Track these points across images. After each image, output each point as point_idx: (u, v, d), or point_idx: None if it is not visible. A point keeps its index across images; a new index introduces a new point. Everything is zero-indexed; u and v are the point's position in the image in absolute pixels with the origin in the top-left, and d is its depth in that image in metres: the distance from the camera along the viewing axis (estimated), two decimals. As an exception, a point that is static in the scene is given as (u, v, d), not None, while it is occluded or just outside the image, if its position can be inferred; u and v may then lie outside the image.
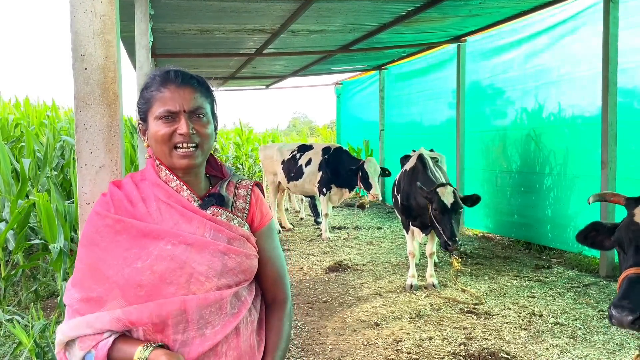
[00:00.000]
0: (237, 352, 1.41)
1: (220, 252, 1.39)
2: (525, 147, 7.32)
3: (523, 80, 7.31)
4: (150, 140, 1.43)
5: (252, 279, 1.49)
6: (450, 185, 4.96)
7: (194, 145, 1.40)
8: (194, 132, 1.39)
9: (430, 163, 5.46)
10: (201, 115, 1.42)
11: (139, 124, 1.48)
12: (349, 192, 8.14)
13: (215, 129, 1.49)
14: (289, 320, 1.57)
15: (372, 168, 7.53)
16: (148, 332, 1.34)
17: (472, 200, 4.93)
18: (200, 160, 1.43)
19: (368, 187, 7.53)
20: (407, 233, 5.70)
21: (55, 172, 7.24)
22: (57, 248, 4.67)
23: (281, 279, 1.57)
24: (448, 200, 4.78)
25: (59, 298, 4.60)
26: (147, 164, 1.48)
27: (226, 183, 1.53)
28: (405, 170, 5.66)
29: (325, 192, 8.12)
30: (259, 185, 1.59)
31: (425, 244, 5.77)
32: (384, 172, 7.82)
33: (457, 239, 4.72)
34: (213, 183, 1.54)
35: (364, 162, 7.66)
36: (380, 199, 7.78)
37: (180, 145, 1.39)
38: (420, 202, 5.09)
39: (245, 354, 1.43)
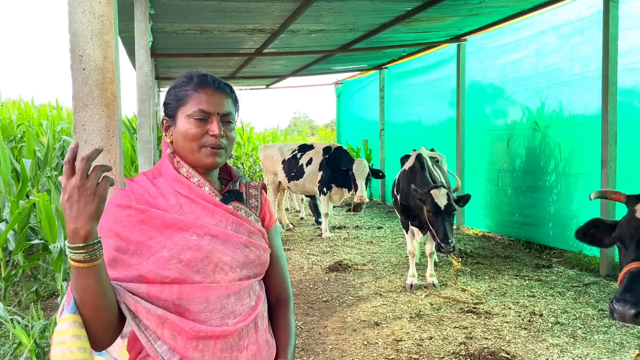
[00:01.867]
0: (256, 347, 1.45)
1: (242, 245, 1.44)
2: (527, 146, 7.31)
3: (526, 80, 7.30)
4: (176, 136, 1.46)
5: (264, 273, 1.55)
6: (444, 187, 4.97)
7: (221, 146, 1.45)
8: (224, 134, 1.45)
9: (429, 163, 5.46)
10: (230, 121, 1.48)
11: (164, 119, 1.51)
12: (349, 192, 8.14)
13: None
14: (293, 317, 1.65)
15: (360, 170, 7.51)
16: (169, 309, 1.33)
17: (464, 200, 5.05)
18: (223, 159, 1.48)
19: (356, 188, 7.54)
20: (407, 232, 5.70)
21: (56, 172, 7.25)
22: (57, 248, 4.68)
23: (285, 277, 1.65)
24: (441, 202, 4.78)
25: (59, 298, 4.61)
26: (165, 160, 1.50)
27: (237, 183, 1.60)
28: (404, 170, 5.66)
29: (325, 191, 8.12)
30: (265, 187, 1.66)
31: (425, 244, 5.77)
32: (377, 174, 7.79)
33: (450, 241, 4.72)
34: (224, 184, 1.60)
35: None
36: (367, 201, 7.77)
37: (210, 145, 1.43)
38: (418, 202, 5.10)
39: (263, 348, 1.47)
